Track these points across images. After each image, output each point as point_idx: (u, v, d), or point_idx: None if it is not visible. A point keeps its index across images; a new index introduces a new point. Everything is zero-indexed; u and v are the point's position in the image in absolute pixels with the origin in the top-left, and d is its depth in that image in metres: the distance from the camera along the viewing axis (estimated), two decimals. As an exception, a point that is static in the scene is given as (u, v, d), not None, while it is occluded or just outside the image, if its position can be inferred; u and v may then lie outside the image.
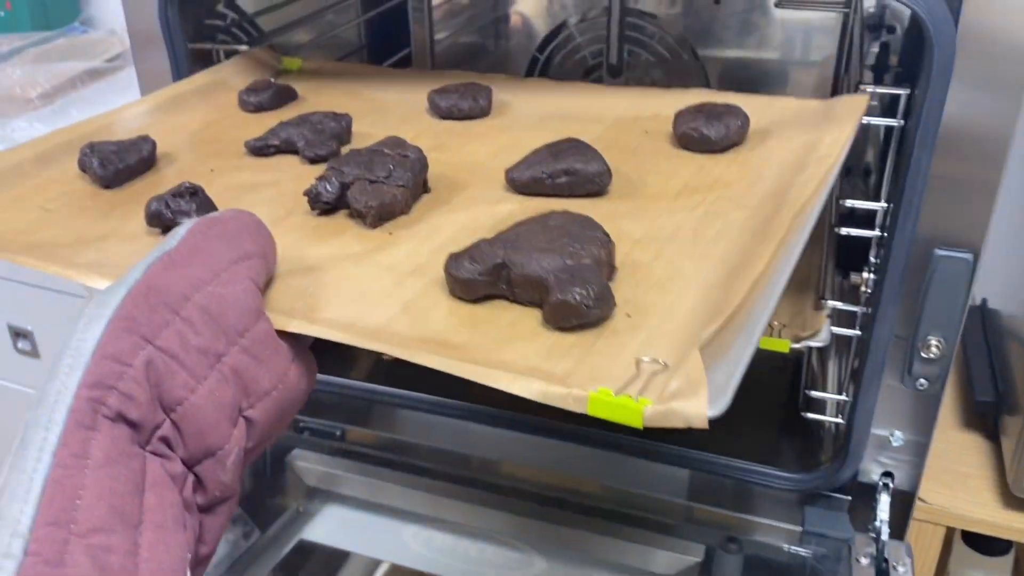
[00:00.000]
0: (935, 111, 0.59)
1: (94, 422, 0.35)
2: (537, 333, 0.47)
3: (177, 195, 0.57)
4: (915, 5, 0.56)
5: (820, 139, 0.66)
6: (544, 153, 0.64)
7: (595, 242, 0.50)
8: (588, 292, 0.46)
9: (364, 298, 0.50)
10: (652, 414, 0.39)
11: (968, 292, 0.64)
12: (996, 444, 0.96)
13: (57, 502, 0.33)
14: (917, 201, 0.62)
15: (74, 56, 1.31)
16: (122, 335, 0.38)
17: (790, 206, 0.56)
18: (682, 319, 0.47)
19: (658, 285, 0.51)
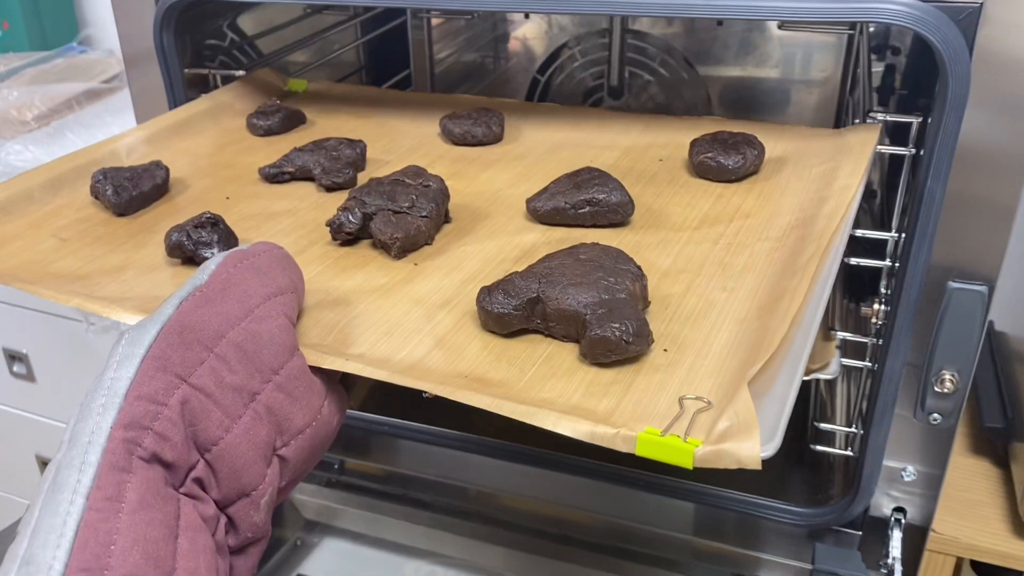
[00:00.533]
0: (949, 141, 0.58)
1: (129, 464, 0.35)
2: (574, 369, 0.47)
3: (198, 226, 0.56)
4: (930, 34, 0.55)
5: (838, 169, 0.66)
6: (565, 183, 0.64)
7: (628, 275, 0.51)
8: (627, 328, 0.46)
9: (396, 332, 0.50)
10: (703, 455, 0.39)
11: (983, 326, 0.62)
12: (1006, 471, 0.94)
13: (91, 548, 0.33)
14: (931, 232, 0.60)
15: (72, 77, 1.30)
16: (156, 374, 0.37)
17: (817, 239, 0.57)
18: (719, 354, 0.48)
19: (691, 319, 0.51)
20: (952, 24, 0.55)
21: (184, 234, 0.56)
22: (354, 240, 0.60)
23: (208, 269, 0.43)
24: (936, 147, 0.58)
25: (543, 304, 0.49)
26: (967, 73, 0.55)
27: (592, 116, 0.84)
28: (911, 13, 0.55)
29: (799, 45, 1.05)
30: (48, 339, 1.26)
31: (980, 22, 0.55)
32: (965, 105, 0.56)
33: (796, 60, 1.06)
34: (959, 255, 0.62)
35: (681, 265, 0.57)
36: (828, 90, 1.06)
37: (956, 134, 0.57)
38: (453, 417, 0.82)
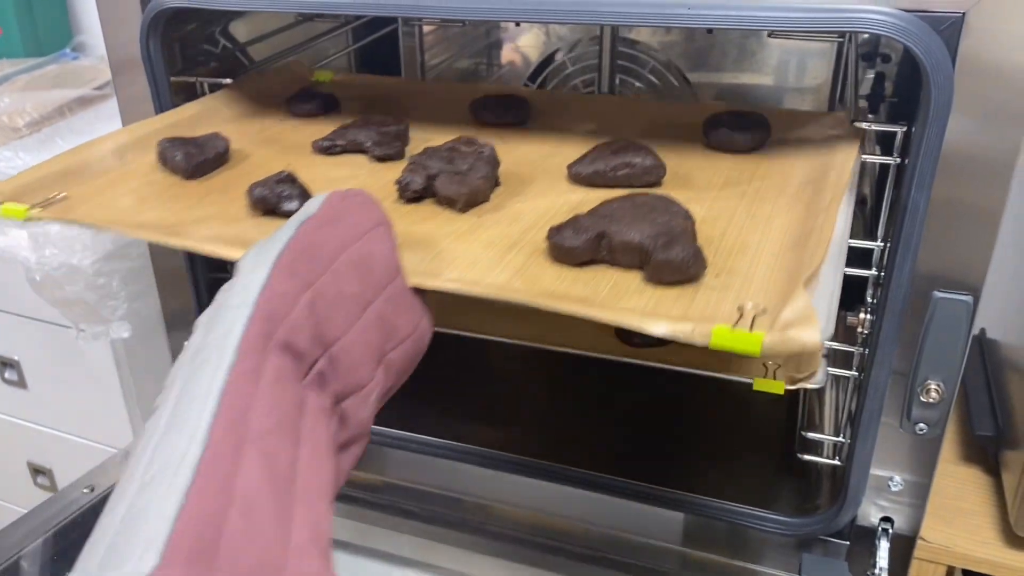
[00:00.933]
0: (932, 151, 0.58)
1: (265, 348, 0.39)
2: (642, 289, 0.55)
3: (279, 181, 0.64)
4: (913, 44, 0.55)
5: (835, 147, 0.73)
6: (603, 150, 0.71)
7: (679, 215, 0.59)
8: (687, 252, 0.54)
9: (478, 264, 0.57)
10: (770, 342, 0.46)
11: (968, 336, 0.62)
12: (997, 479, 0.94)
13: (234, 407, 0.37)
14: (915, 242, 0.60)
15: (64, 83, 1.30)
16: (286, 279, 0.42)
17: (832, 189, 0.64)
18: (763, 277, 0.56)
19: (733, 254, 0.59)
20: (934, 34, 0.55)
21: (267, 188, 0.63)
22: (418, 199, 0.67)
23: (318, 201, 0.50)
24: (920, 156, 0.58)
25: (609, 238, 0.56)
26: (950, 82, 0.55)
27: (608, 102, 0.93)
28: (894, 23, 0.55)
29: (791, 53, 1.05)
30: (39, 346, 1.26)
31: (962, 32, 0.55)
32: (948, 114, 0.56)
33: (788, 67, 1.06)
34: (944, 265, 0.61)
35: (715, 215, 0.65)
36: (821, 97, 1.05)
37: (939, 143, 0.57)
38: (444, 427, 0.82)
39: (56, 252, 1.03)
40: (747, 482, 0.78)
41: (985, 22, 0.55)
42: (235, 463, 0.35)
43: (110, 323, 1.07)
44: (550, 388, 0.97)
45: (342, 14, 1.04)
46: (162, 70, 0.77)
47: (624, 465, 0.79)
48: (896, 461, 0.69)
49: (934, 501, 0.90)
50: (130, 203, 0.66)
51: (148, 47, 0.75)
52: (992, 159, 0.58)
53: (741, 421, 0.88)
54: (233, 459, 0.35)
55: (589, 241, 0.57)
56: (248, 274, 0.43)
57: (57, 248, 1.03)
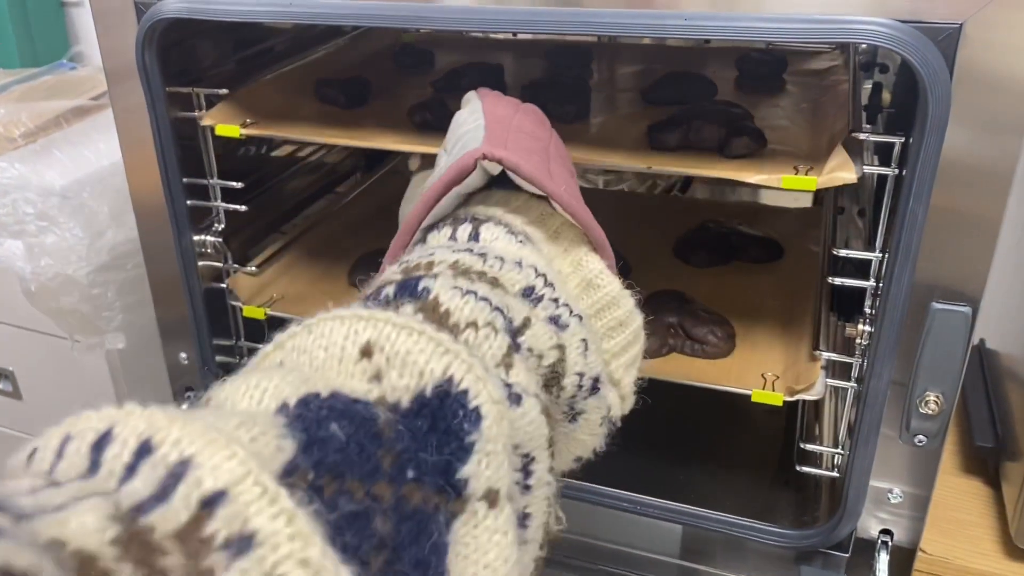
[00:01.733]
0: (930, 161, 0.57)
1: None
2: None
3: (430, 103, 0.81)
4: (910, 55, 0.55)
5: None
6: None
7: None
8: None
9: None
10: (823, 181, 0.63)
11: (967, 347, 0.62)
12: (997, 490, 0.93)
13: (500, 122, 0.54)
14: (914, 252, 0.60)
15: (61, 93, 1.29)
16: (495, 123, 0.54)
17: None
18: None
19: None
20: (932, 45, 0.55)
21: (424, 111, 0.81)
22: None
23: (472, 98, 0.62)
24: (918, 167, 0.58)
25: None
26: (947, 93, 0.55)
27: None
28: (891, 34, 0.55)
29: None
30: (34, 357, 1.25)
31: (960, 43, 0.55)
32: (946, 125, 0.56)
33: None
34: (943, 276, 0.61)
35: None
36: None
37: (937, 154, 0.57)
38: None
39: (51, 263, 1.03)
40: (746, 494, 0.78)
41: (983, 33, 0.54)
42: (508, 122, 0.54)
43: (105, 334, 1.07)
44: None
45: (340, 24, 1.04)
46: (158, 80, 0.77)
47: (622, 478, 0.78)
48: (895, 473, 0.69)
49: (934, 512, 0.90)
50: (310, 123, 0.83)
51: (144, 58, 0.75)
52: (990, 170, 0.58)
53: (740, 433, 0.88)
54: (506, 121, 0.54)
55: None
56: (468, 114, 0.57)
57: (52, 259, 1.03)
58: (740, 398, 0.71)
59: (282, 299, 0.89)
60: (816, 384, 0.69)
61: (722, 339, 0.76)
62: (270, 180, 0.98)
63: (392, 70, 1.02)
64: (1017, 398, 0.94)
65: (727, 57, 0.99)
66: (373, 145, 0.79)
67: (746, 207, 1.04)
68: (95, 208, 1.05)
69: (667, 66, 0.95)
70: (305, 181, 1.07)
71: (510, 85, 0.93)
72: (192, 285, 0.85)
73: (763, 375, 0.72)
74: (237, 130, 0.79)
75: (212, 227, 0.87)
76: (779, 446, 0.85)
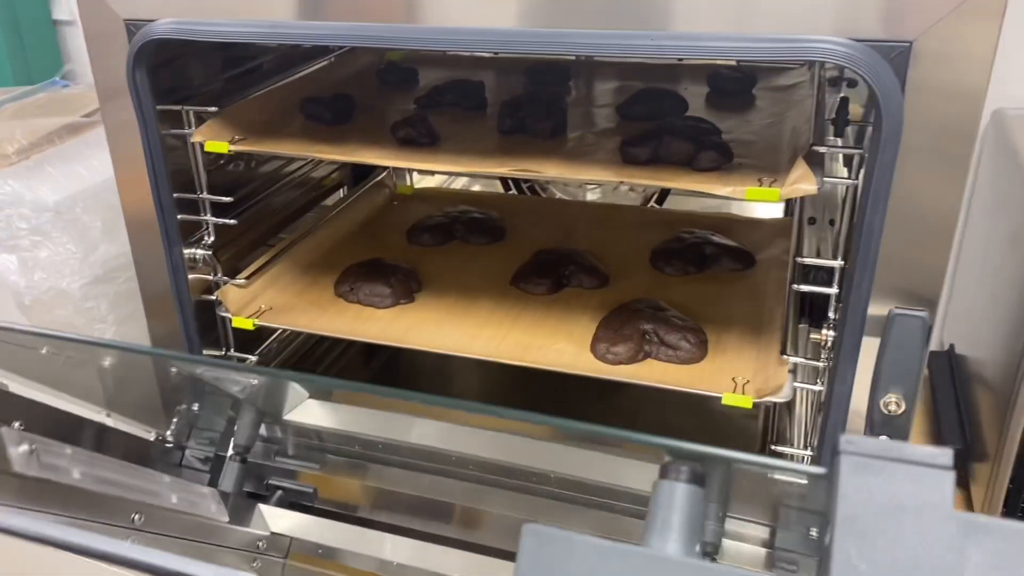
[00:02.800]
0: (886, 173, 0.60)
1: None
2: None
3: (413, 119, 0.84)
4: (864, 72, 0.58)
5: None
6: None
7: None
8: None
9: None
10: (785, 193, 0.66)
11: (925, 350, 0.64)
12: (967, 491, 0.96)
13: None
14: (872, 260, 0.63)
15: (54, 111, 1.32)
16: None
17: None
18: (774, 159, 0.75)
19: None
20: (885, 62, 0.58)
21: (409, 127, 0.84)
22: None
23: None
24: (874, 178, 0.60)
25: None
26: (900, 108, 0.58)
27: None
28: (845, 52, 0.58)
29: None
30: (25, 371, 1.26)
31: (911, 60, 0.58)
32: (900, 138, 0.59)
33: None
34: (901, 282, 0.64)
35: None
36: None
37: (893, 165, 0.60)
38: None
39: (45, 276, 1.05)
40: (720, 495, 0.80)
41: (933, 49, 0.58)
42: None
43: (98, 346, 1.09)
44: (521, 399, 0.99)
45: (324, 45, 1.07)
46: (148, 99, 0.79)
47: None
48: (861, 472, 0.71)
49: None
50: (296, 140, 0.86)
51: (135, 77, 0.78)
52: (944, 179, 0.61)
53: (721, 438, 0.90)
54: None
55: None
56: None
57: (46, 272, 1.05)
58: (719, 404, 0.73)
59: (270, 310, 0.91)
60: (784, 387, 0.72)
61: (695, 345, 0.79)
62: (259, 195, 1.01)
63: (377, 88, 1.05)
64: (985, 401, 0.97)
65: (699, 74, 1.02)
66: (356, 160, 0.82)
67: (721, 219, 1.07)
68: (88, 223, 1.08)
69: (643, 83, 0.99)
70: (292, 195, 1.09)
71: (491, 102, 0.96)
72: (182, 297, 0.87)
73: (734, 379, 0.75)
74: (226, 146, 0.82)
75: (202, 240, 0.89)
76: (756, 450, 0.88)
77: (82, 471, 0.72)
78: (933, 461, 0.34)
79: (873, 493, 0.34)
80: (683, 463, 0.57)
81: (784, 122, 0.86)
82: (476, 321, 0.87)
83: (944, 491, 0.33)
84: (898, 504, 0.34)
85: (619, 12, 0.63)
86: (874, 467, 0.34)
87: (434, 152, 0.82)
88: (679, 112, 0.90)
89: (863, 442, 0.35)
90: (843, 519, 0.34)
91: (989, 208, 1.07)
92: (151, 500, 0.76)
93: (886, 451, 0.34)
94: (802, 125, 0.82)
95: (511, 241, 1.05)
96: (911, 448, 0.34)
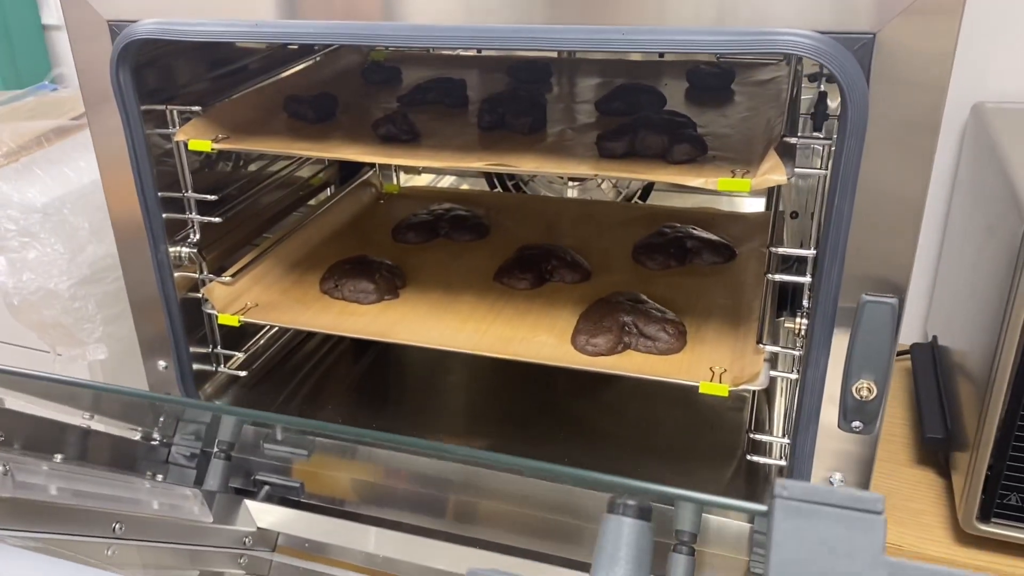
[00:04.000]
0: (853, 162, 0.61)
1: None
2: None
3: (394, 116, 0.85)
4: (829, 63, 0.59)
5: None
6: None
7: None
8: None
9: None
10: (756, 183, 0.67)
11: (895, 336, 0.66)
12: (948, 480, 0.97)
13: None
14: (841, 248, 0.64)
15: (42, 114, 1.33)
16: None
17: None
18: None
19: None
20: (849, 53, 0.59)
21: (390, 123, 0.84)
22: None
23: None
24: (841, 167, 0.62)
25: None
26: (864, 98, 0.59)
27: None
28: (811, 44, 0.59)
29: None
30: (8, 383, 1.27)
31: (875, 51, 0.59)
32: (865, 127, 0.60)
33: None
34: (870, 269, 0.65)
35: None
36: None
37: (859, 154, 0.61)
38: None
39: (33, 277, 1.06)
40: (702, 485, 0.81)
41: (896, 41, 0.59)
42: None
43: (87, 345, 1.10)
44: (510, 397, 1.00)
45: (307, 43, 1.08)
46: (132, 98, 0.80)
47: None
48: (836, 460, 0.72)
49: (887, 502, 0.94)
50: (282, 137, 0.87)
51: (119, 76, 0.79)
52: (910, 168, 0.62)
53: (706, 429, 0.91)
54: None
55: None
56: None
57: (34, 273, 1.06)
58: (705, 396, 0.74)
59: (256, 307, 0.92)
60: (760, 375, 0.73)
61: (673, 336, 0.80)
62: (244, 194, 1.02)
63: (360, 86, 1.06)
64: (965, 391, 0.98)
65: (679, 70, 1.03)
66: (336, 156, 0.83)
67: (703, 214, 1.08)
68: (76, 224, 1.09)
69: (624, 79, 1.00)
70: (279, 195, 1.10)
71: (472, 99, 0.97)
72: (168, 294, 0.88)
73: (711, 368, 0.76)
74: (209, 144, 0.83)
75: (188, 239, 0.90)
76: (731, 438, 0.89)
77: (59, 487, 0.72)
78: (865, 506, 0.35)
79: (806, 537, 0.35)
80: (629, 498, 0.59)
81: (759, 116, 0.87)
82: (459, 316, 0.88)
83: (876, 536, 0.34)
84: (830, 548, 0.35)
85: (591, 7, 0.64)
86: (808, 511, 0.35)
87: (414, 148, 0.83)
88: (657, 107, 0.91)
89: (798, 487, 0.36)
90: (777, 563, 0.35)
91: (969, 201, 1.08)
92: (132, 508, 0.77)
93: (820, 496, 0.35)
94: (776, 119, 0.83)
95: (495, 238, 1.06)
96: (844, 493, 0.35)
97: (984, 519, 0.85)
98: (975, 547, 0.87)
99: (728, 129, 0.84)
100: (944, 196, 1.15)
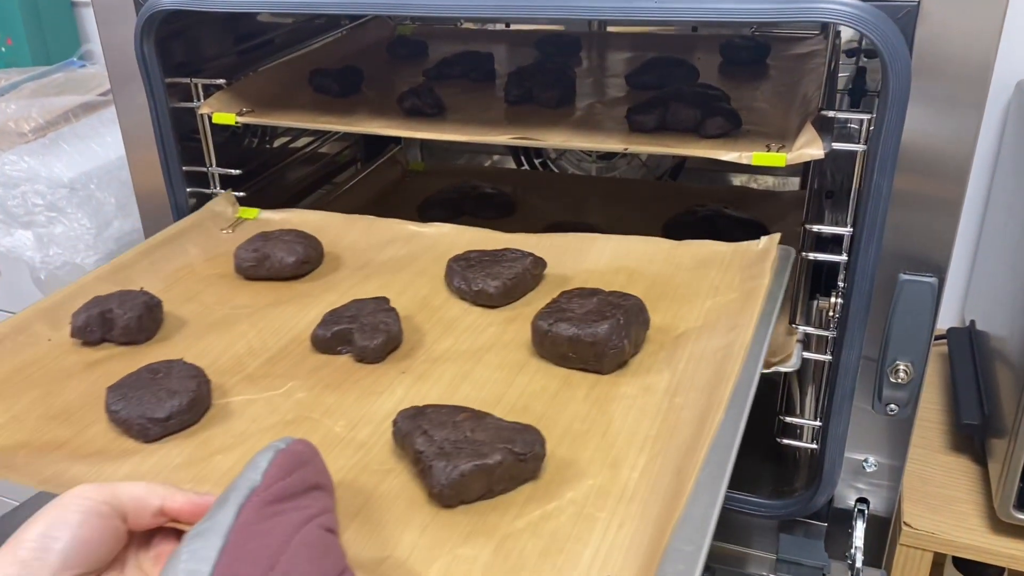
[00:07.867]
0: (893, 136, 0.59)
1: None
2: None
3: (419, 90, 0.83)
4: (870, 32, 0.57)
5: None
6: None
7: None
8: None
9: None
10: (792, 158, 0.65)
11: (934, 316, 0.64)
12: (983, 467, 0.95)
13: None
14: (879, 226, 0.62)
15: (70, 90, 1.33)
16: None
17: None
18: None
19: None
20: (891, 22, 0.56)
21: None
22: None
23: (260, 468, 0.43)
24: (881, 142, 0.59)
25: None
26: (907, 69, 0.57)
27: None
28: (852, 12, 0.57)
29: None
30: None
31: (918, 20, 0.57)
32: (907, 100, 0.58)
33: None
34: (909, 247, 0.63)
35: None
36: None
37: (900, 129, 0.59)
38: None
39: (60, 252, 1.06)
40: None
41: (941, 10, 0.56)
42: None
43: (113, 321, 1.10)
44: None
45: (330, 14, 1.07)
46: (157, 71, 0.80)
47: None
48: (870, 443, 0.71)
49: (920, 488, 0.91)
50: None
51: (143, 49, 0.78)
52: (952, 144, 0.59)
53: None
54: None
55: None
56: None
57: (61, 248, 1.06)
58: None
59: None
60: (792, 356, 0.71)
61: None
62: (268, 169, 1.01)
63: (386, 60, 1.05)
64: (1004, 377, 0.95)
65: (712, 44, 1.01)
66: (361, 130, 0.81)
67: (735, 192, 1.06)
68: (102, 199, 1.09)
69: (655, 53, 0.97)
70: (304, 171, 1.10)
71: (500, 73, 0.95)
72: (193, 269, 0.88)
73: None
74: (233, 118, 0.82)
75: (212, 214, 0.90)
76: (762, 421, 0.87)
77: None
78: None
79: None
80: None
81: (796, 90, 0.85)
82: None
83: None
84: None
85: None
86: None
87: (439, 122, 0.81)
88: (689, 80, 0.89)
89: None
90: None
91: (1012, 181, 1.05)
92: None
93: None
94: (813, 93, 0.80)
95: (520, 216, 1.04)
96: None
97: (1021, 507, 0.83)
98: (1011, 536, 0.85)
99: (763, 103, 0.81)
100: (985, 176, 1.12)
